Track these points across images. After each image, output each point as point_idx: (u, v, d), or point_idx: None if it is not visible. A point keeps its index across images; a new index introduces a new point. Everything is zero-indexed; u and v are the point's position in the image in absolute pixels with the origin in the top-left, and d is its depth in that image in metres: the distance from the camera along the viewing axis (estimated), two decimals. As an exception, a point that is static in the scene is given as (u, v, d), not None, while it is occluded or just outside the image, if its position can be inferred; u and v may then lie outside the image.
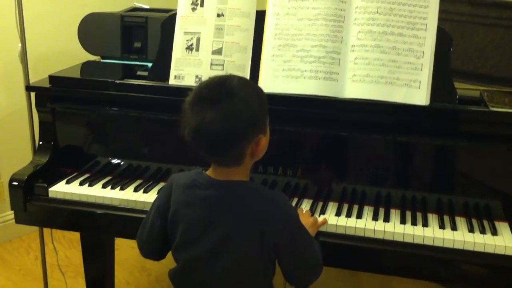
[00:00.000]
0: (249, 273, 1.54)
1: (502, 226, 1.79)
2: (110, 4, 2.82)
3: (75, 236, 2.76)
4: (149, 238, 1.64)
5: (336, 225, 1.80)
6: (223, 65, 2.00)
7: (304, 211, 1.85)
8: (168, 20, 2.07)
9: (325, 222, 1.80)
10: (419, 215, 1.84)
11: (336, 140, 1.94)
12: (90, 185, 2.03)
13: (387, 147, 1.93)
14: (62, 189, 2.02)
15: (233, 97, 1.43)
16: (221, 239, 1.49)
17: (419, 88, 1.82)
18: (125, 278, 2.93)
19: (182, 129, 1.46)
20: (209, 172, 1.55)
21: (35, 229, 2.70)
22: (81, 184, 2.04)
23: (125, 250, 3.10)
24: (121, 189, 2.01)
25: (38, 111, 2.16)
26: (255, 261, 1.51)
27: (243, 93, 1.45)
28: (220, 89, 1.45)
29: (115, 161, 2.14)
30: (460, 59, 2.31)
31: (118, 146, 2.17)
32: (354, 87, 1.86)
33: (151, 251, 1.68)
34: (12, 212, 2.06)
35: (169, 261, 1.64)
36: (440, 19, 1.85)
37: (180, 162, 2.05)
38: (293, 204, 1.91)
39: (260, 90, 1.56)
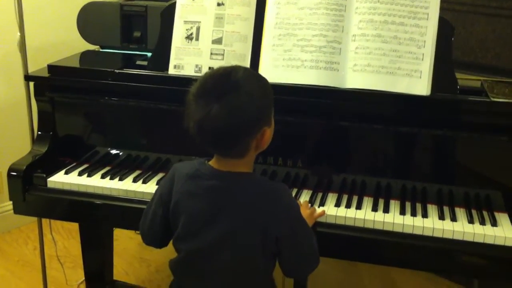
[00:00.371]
0: (250, 266, 1.53)
1: (502, 217, 1.79)
2: (109, -7, 2.80)
3: (74, 226, 2.76)
4: (151, 227, 1.64)
5: (336, 215, 1.80)
6: (223, 54, 1.99)
7: (302, 202, 1.84)
8: (167, 9, 2.05)
9: (323, 214, 1.79)
10: (418, 206, 1.83)
11: (336, 131, 1.93)
12: (89, 176, 2.02)
13: (387, 138, 1.92)
14: (61, 179, 2.02)
15: (238, 90, 1.42)
16: (224, 231, 1.49)
17: (420, 78, 1.81)
18: (124, 269, 2.93)
19: (187, 121, 1.45)
20: (212, 163, 1.54)
21: (34, 219, 2.70)
22: (80, 174, 2.03)
23: (124, 240, 3.10)
24: (120, 179, 2.00)
25: (37, 100, 2.14)
26: (257, 253, 1.51)
27: (248, 86, 1.44)
28: (226, 82, 1.44)
29: (114, 151, 2.13)
30: (461, 49, 2.29)
31: (117, 136, 2.15)
32: (355, 77, 1.85)
33: (153, 239, 1.67)
34: (11, 202, 2.05)
35: (168, 252, 1.63)
36: (441, 9, 1.83)
37: (179, 152, 2.04)
38: (293, 194, 1.90)
39: (265, 81, 1.55)
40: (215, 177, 1.50)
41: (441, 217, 1.78)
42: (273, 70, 1.92)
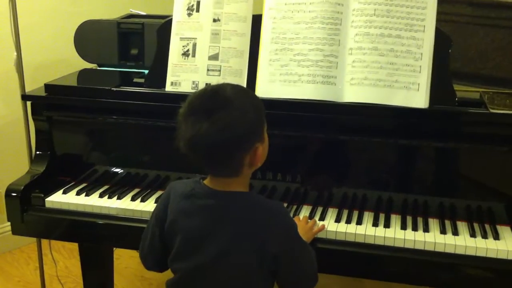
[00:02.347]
0: (248, 285, 1.51)
1: (504, 230, 1.76)
2: (106, 11, 2.81)
3: (75, 246, 2.73)
4: (151, 250, 1.61)
5: (336, 231, 1.77)
6: (220, 70, 1.98)
7: (301, 217, 1.82)
8: (163, 26, 2.05)
9: (323, 228, 1.77)
10: (420, 220, 1.81)
11: (335, 145, 1.91)
12: (87, 195, 2.01)
13: (386, 151, 1.90)
14: (59, 199, 2.00)
15: (227, 107, 1.40)
16: (220, 251, 1.46)
17: (418, 90, 1.80)
18: (126, 288, 2.91)
19: (177, 141, 1.43)
20: (207, 182, 1.52)
21: (35, 239, 2.68)
22: (78, 193, 2.02)
23: (126, 259, 3.08)
24: (119, 198, 1.98)
25: (34, 119, 2.13)
26: (254, 271, 1.48)
27: (238, 102, 1.42)
28: (215, 100, 1.43)
29: (112, 169, 2.11)
30: (461, 61, 2.28)
31: (115, 154, 2.14)
32: (353, 91, 1.84)
33: (154, 262, 1.64)
34: (11, 223, 2.03)
35: (170, 271, 1.61)
36: (440, 21, 1.82)
37: (178, 169, 2.02)
38: (293, 210, 1.89)
39: (255, 97, 1.53)
40: (210, 196, 1.48)
41: (443, 231, 1.75)
42: (270, 85, 1.90)
